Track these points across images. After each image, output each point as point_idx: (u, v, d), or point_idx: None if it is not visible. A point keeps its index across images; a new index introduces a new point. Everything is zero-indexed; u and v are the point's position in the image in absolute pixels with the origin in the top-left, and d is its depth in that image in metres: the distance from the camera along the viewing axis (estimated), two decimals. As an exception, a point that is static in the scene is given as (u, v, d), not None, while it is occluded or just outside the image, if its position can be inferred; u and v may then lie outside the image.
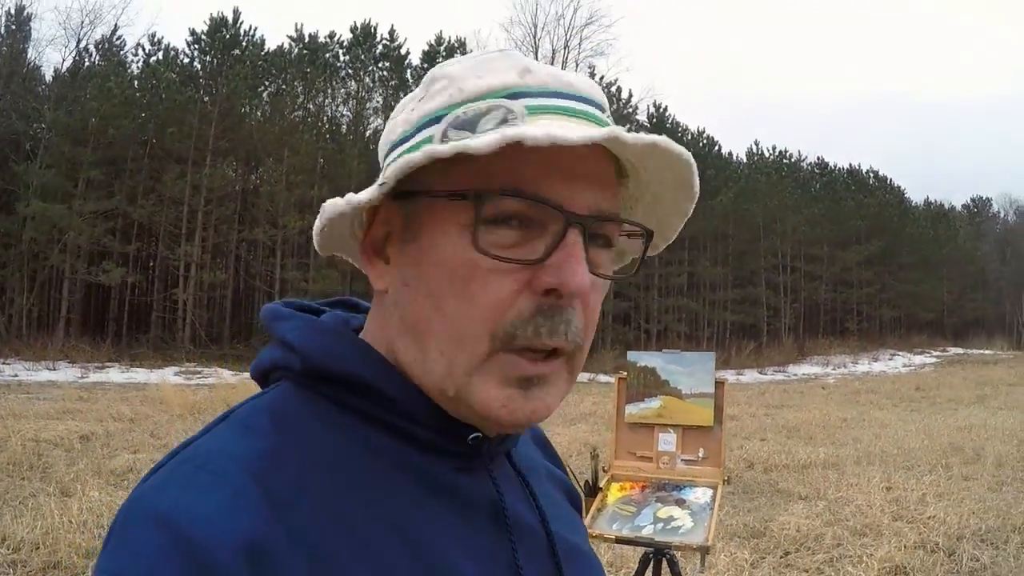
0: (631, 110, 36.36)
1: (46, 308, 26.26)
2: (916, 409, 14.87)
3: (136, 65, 29.51)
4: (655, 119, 37.51)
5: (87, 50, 28.86)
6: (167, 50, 29.50)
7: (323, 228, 0.68)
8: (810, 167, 47.17)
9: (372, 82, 32.46)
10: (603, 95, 0.68)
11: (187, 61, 29.61)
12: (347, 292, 26.78)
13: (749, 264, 38.12)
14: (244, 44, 29.84)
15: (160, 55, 29.32)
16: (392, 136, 0.68)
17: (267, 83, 30.66)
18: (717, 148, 41.45)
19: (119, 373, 20.05)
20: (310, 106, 31.52)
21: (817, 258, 41.29)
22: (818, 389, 20.80)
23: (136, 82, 28.14)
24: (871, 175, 50.05)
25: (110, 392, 15.02)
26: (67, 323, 24.97)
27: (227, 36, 29.30)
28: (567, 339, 0.60)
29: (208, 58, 29.37)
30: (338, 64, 31.97)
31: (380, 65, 32.46)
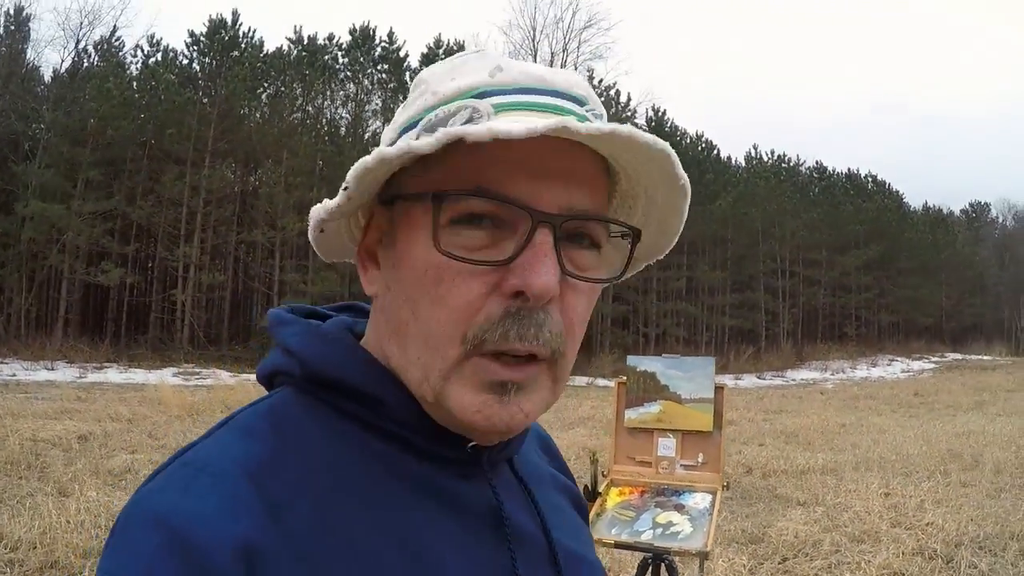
0: (630, 113, 36.39)
1: (44, 308, 26.26)
2: (914, 415, 14.87)
3: (135, 66, 29.55)
4: (654, 123, 37.54)
5: (86, 51, 28.90)
6: (166, 51, 29.54)
7: (316, 235, 0.69)
8: (809, 171, 47.25)
9: (371, 84, 32.48)
10: (585, 88, 0.66)
11: (186, 62, 29.65)
12: (346, 294, 26.82)
13: (748, 268, 38.15)
14: (243, 46, 29.87)
15: (159, 56, 29.35)
16: (383, 142, 0.68)
17: (266, 85, 30.67)
18: (716, 152, 41.50)
19: (117, 373, 20.04)
20: (309, 108, 31.53)
21: (816, 263, 41.35)
22: (816, 394, 20.80)
23: (135, 83, 28.13)
24: (870, 180, 50.12)
25: (108, 392, 15.00)
26: (65, 323, 24.94)
27: (226, 38, 29.32)
28: (539, 343, 0.58)
29: (207, 59, 29.38)
30: (337, 66, 31.98)
31: (379, 68, 32.47)
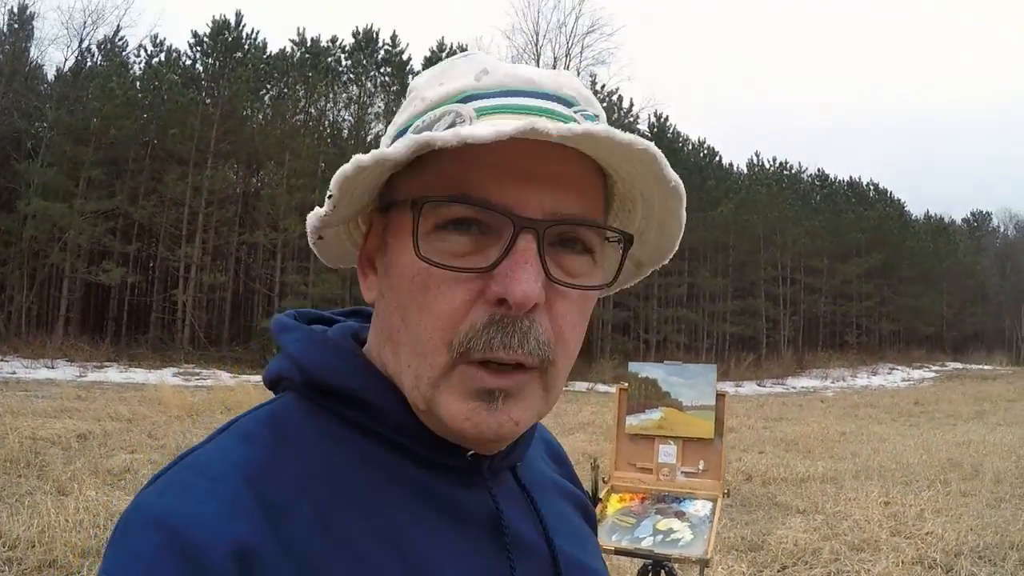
0: (632, 119, 36.43)
1: (45, 306, 26.30)
2: (915, 424, 14.85)
3: (138, 66, 29.68)
4: (656, 129, 37.59)
5: (89, 50, 29.01)
6: (169, 52, 29.66)
7: (315, 242, 0.69)
8: (810, 179, 47.34)
9: (374, 87, 32.54)
10: (576, 89, 0.65)
11: (189, 63, 29.75)
12: (347, 296, 26.79)
13: (749, 276, 38.15)
14: (246, 47, 29.95)
15: (162, 56, 29.46)
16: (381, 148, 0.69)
17: (269, 86, 30.76)
18: (718, 159, 41.62)
19: (117, 373, 20.05)
20: (312, 110, 31.60)
21: (817, 270, 41.34)
22: (817, 402, 20.78)
23: (138, 83, 28.24)
24: (871, 188, 50.20)
25: (108, 392, 15.00)
26: (66, 322, 24.97)
27: (229, 39, 29.40)
28: (524, 352, 0.57)
29: (210, 60, 29.47)
30: (340, 68, 32.06)
31: (382, 70, 32.55)
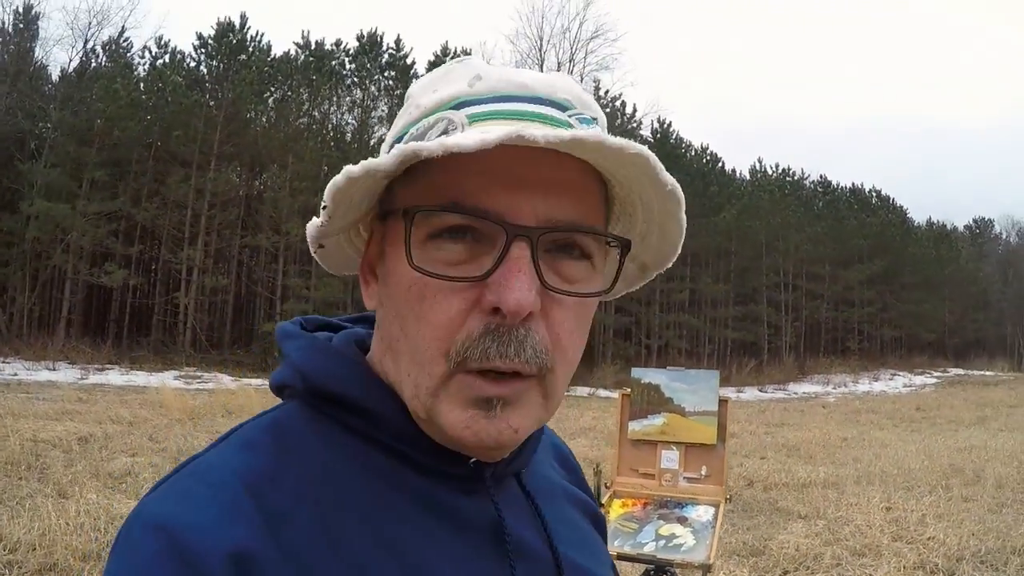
0: (635, 125, 36.44)
1: (47, 308, 26.31)
2: (916, 429, 14.83)
3: (143, 68, 29.79)
4: (659, 134, 37.60)
5: (94, 51, 29.10)
6: (174, 53, 29.73)
7: (316, 250, 0.69)
8: (813, 185, 47.36)
9: (377, 91, 32.58)
10: (572, 92, 0.64)
11: (193, 65, 29.84)
12: (348, 300, 26.69)
13: (751, 281, 38.13)
14: (251, 50, 30.02)
15: (167, 58, 29.56)
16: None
17: (273, 89, 30.81)
18: (721, 165, 41.60)
19: (119, 375, 20.07)
20: (315, 113, 31.62)
21: (819, 277, 41.30)
22: (818, 408, 20.76)
23: (142, 84, 28.30)
24: (874, 195, 50.19)
25: (109, 394, 15.01)
26: (68, 323, 24.98)
27: (234, 41, 29.46)
28: (521, 360, 0.57)
29: (214, 63, 29.53)
30: (344, 72, 32.10)
31: (386, 74, 32.59)
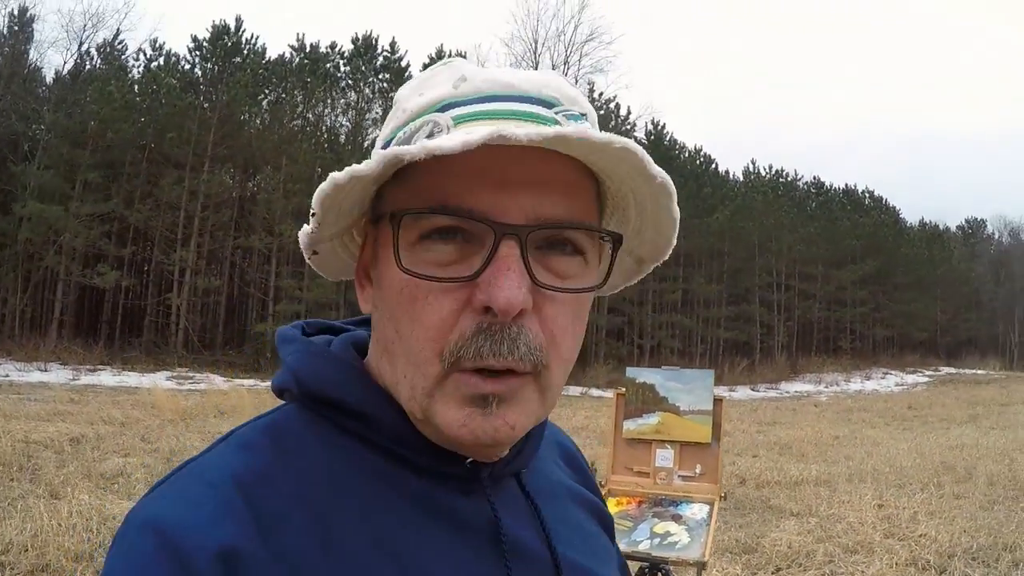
0: (629, 127, 36.47)
1: (39, 309, 26.19)
2: (908, 428, 14.90)
3: (137, 70, 29.66)
4: (653, 136, 37.65)
5: (88, 53, 28.98)
6: (168, 56, 29.63)
7: (310, 256, 0.69)
8: (806, 186, 47.51)
9: (372, 93, 32.54)
10: (559, 89, 0.64)
11: (188, 67, 29.74)
12: (341, 301, 26.63)
13: (744, 282, 38.24)
14: (245, 52, 29.95)
15: (161, 61, 29.43)
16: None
17: (267, 91, 30.74)
18: (714, 166, 41.72)
19: (111, 376, 19.99)
20: (309, 115, 31.59)
21: (812, 277, 41.46)
22: (810, 407, 20.83)
23: (136, 87, 28.21)
24: (867, 195, 50.41)
25: (101, 395, 14.97)
26: (60, 325, 24.87)
27: (228, 44, 29.41)
28: (515, 358, 0.57)
29: (209, 65, 29.47)
30: (338, 74, 32.08)
31: (380, 77, 32.54)
